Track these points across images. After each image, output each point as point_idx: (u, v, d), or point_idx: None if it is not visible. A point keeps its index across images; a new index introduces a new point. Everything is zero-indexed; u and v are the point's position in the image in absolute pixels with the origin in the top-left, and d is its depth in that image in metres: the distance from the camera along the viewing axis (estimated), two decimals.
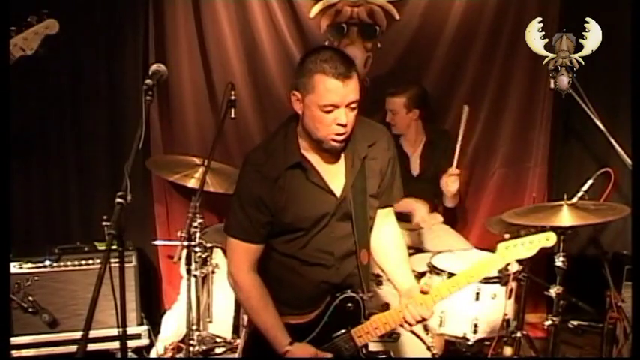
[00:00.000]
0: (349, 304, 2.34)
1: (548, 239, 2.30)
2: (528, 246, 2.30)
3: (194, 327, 3.52)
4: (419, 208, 3.75)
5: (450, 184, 3.76)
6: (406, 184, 3.79)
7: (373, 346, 2.59)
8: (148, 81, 2.24)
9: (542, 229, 2.36)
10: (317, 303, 2.36)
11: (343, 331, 2.33)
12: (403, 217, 2.63)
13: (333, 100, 2.14)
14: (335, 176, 2.32)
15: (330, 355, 2.30)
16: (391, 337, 3.02)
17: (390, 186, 2.45)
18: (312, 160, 2.30)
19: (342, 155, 2.32)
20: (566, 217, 3.00)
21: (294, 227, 2.30)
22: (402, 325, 2.33)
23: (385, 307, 3.07)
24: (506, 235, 2.36)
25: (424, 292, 2.29)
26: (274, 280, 2.37)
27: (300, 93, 2.21)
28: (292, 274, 2.36)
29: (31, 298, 3.51)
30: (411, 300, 2.30)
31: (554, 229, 3.02)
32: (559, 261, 3.03)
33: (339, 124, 2.17)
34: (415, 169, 3.99)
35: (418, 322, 2.31)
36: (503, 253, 2.31)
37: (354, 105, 2.18)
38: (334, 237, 2.33)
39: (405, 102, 3.87)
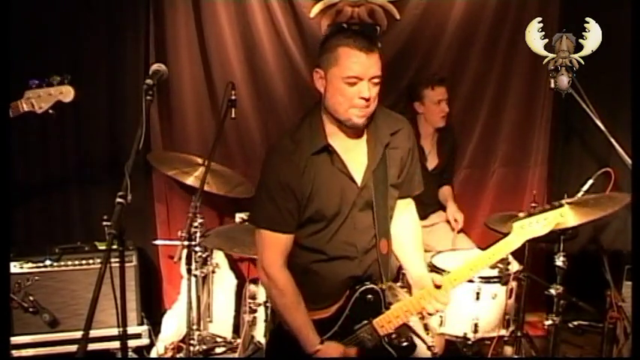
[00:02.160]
0: (369, 296, 2.35)
1: (563, 215, 2.29)
2: (544, 223, 2.28)
3: (194, 327, 3.53)
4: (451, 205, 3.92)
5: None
6: (423, 180, 3.88)
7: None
8: (148, 81, 2.25)
9: (559, 205, 2.31)
10: (338, 296, 2.36)
11: (365, 322, 2.34)
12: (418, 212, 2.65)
13: (356, 72, 2.17)
14: (357, 164, 2.32)
15: (353, 353, 2.30)
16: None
17: (412, 176, 2.46)
18: (336, 147, 2.29)
19: (365, 142, 2.33)
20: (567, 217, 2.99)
21: (318, 216, 2.29)
22: (421, 313, 2.35)
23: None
24: (521, 214, 2.32)
25: (437, 287, 2.29)
26: (299, 276, 2.35)
27: (323, 69, 2.23)
28: (317, 269, 2.35)
29: (31, 298, 3.51)
30: (427, 288, 2.30)
31: (554, 229, 3.06)
32: (559, 261, 3.03)
33: (361, 98, 2.18)
34: (432, 164, 4.02)
35: (437, 310, 2.31)
36: (519, 232, 2.29)
37: (376, 80, 2.21)
38: (356, 228, 2.33)
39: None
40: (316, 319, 2.34)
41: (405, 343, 2.37)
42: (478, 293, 3.22)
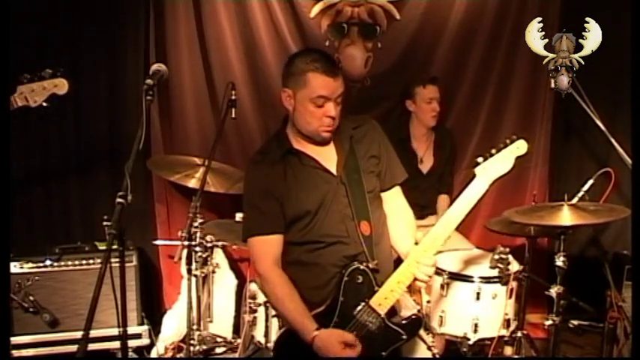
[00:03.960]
0: (358, 277, 2.38)
1: (519, 147, 2.36)
2: (503, 161, 2.34)
3: (194, 327, 3.52)
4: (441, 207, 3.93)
5: None
6: (416, 182, 3.88)
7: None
8: (148, 81, 2.25)
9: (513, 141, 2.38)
10: (330, 285, 2.41)
11: (362, 304, 2.36)
12: (414, 215, 2.66)
13: (324, 93, 2.35)
14: (329, 158, 2.48)
15: (351, 336, 2.32)
16: None
17: (391, 167, 2.58)
18: (302, 149, 2.48)
19: (332, 142, 2.49)
20: (566, 217, 2.99)
21: (302, 212, 2.41)
22: (413, 284, 2.39)
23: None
24: (479, 159, 2.32)
25: (416, 244, 2.39)
26: (297, 272, 2.42)
27: (292, 89, 2.40)
28: (315, 260, 2.42)
29: (31, 298, 3.51)
30: (412, 254, 2.36)
31: (554, 228, 3.06)
32: (559, 261, 3.02)
33: (328, 116, 2.38)
34: (426, 166, 4.02)
35: (427, 275, 2.34)
36: (483, 175, 2.34)
37: (339, 99, 2.40)
38: (341, 214, 2.43)
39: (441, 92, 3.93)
40: (314, 315, 2.37)
41: (408, 316, 2.40)
42: (478, 293, 3.22)
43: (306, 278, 2.42)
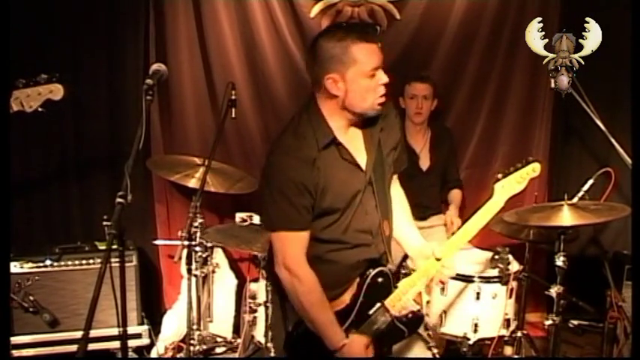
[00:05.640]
0: (380, 279, 2.37)
1: (535, 170, 2.46)
2: (520, 180, 2.45)
3: (194, 327, 3.52)
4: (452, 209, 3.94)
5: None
6: (416, 179, 3.88)
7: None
8: (148, 81, 2.25)
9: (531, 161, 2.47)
10: (350, 282, 2.37)
11: (378, 305, 2.36)
12: (416, 216, 2.66)
13: (376, 63, 2.23)
14: (359, 151, 2.35)
15: (370, 339, 2.32)
16: None
17: (400, 154, 2.50)
18: (342, 140, 2.31)
19: (359, 130, 2.36)
20: (566, 217, 2.99)
21: (332, 208, 2.29)
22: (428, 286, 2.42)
23: None
24: (499, 175, 2.45)
25: (438, 260, 2.36)
26: (315, 266, 2.32)
27: (338, 73, 2.21)
28: (334, 257, 2.34)
29: (31, 298, 3.51)
30: (430, 260, 2.36)
31: (554, 228, 3.06)
32: (560, 261, 3.03)
33: (382, 84, 2.25)
34: (425, 163, 4.02)
35: (448, 276, 2.39)
36: (500, 192, 2.43)
37: (383, 65, 2.27)
38: (367, 213, 2.35)
39: (434, 89, 3.92)
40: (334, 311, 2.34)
41: (410, 314, 2.41)
42: (478, 293, 3.22)
43: (323, 276, 2.32)
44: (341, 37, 2.20)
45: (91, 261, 3.64)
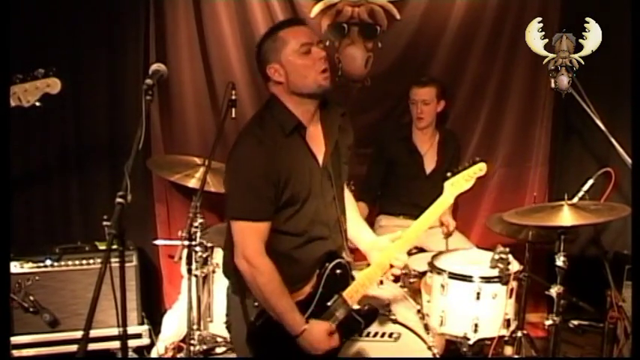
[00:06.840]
0: (338, 270, 2.44)
1: (481, 169, 2.60)
2: (467, 178, 2.60)
3: (195, 327, 3.52)
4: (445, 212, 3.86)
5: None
6: (419, 181, 3.88)
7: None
8: (148, 80, 2.24)
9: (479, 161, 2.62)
10: (311, 276, 2.44)
11: (336, 296, 2.43)
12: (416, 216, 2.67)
13: (305, 39, 2.31)
14: (318, 145, 2.42)
15: (333, 326, 2.38)
16: (391, 337, 3.04)
17: (347, 162, 2.57)
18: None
19: (319, 125, 2.43)
20: (566, 217, 2.99)
21: (294, 199, 2.34)
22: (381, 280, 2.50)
23: (387, 306, 3.09)
24: (449, 174, 2.62)
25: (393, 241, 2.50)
26: (277, 261, 2.35)
27: (275, 61, 2.32)
28: (295, 253, 2.40)
29: (31, 298, 3.51)
30: (384, 253, 2.48)
31: (554, 228, 3.06)
32: (560, 261, 3.02)
33: (319, 59, 2.31)
34: (429, 166, 4.02)
35: (402, 261, 2.50)
36: (450, 189, 2.59)
37: (321, 45, 2.36)
38: (326, 207, 2.43)
39: (437, 92, 3.93)
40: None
41: (366, 307, 2.50)
42: (478, 293, 3.21)
43: (283, 268, 2.35)
44: (272, 33, 2.35)
45: (91, 261, 3.64)
